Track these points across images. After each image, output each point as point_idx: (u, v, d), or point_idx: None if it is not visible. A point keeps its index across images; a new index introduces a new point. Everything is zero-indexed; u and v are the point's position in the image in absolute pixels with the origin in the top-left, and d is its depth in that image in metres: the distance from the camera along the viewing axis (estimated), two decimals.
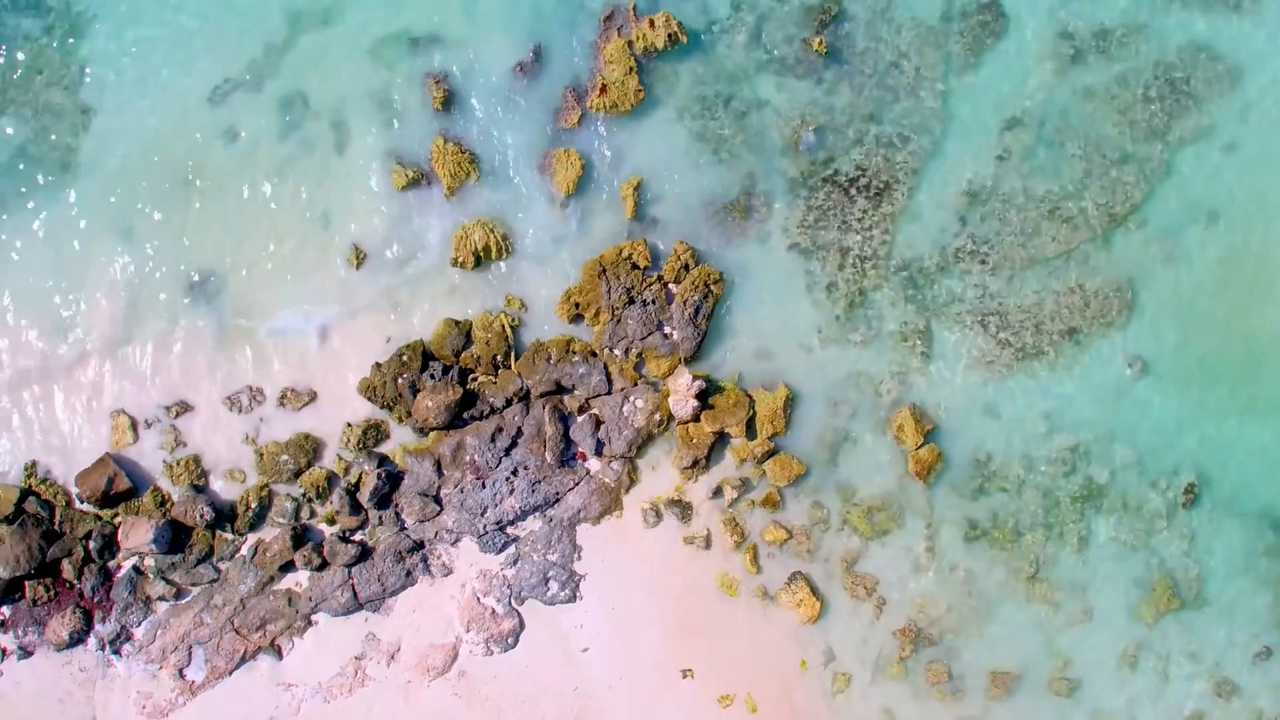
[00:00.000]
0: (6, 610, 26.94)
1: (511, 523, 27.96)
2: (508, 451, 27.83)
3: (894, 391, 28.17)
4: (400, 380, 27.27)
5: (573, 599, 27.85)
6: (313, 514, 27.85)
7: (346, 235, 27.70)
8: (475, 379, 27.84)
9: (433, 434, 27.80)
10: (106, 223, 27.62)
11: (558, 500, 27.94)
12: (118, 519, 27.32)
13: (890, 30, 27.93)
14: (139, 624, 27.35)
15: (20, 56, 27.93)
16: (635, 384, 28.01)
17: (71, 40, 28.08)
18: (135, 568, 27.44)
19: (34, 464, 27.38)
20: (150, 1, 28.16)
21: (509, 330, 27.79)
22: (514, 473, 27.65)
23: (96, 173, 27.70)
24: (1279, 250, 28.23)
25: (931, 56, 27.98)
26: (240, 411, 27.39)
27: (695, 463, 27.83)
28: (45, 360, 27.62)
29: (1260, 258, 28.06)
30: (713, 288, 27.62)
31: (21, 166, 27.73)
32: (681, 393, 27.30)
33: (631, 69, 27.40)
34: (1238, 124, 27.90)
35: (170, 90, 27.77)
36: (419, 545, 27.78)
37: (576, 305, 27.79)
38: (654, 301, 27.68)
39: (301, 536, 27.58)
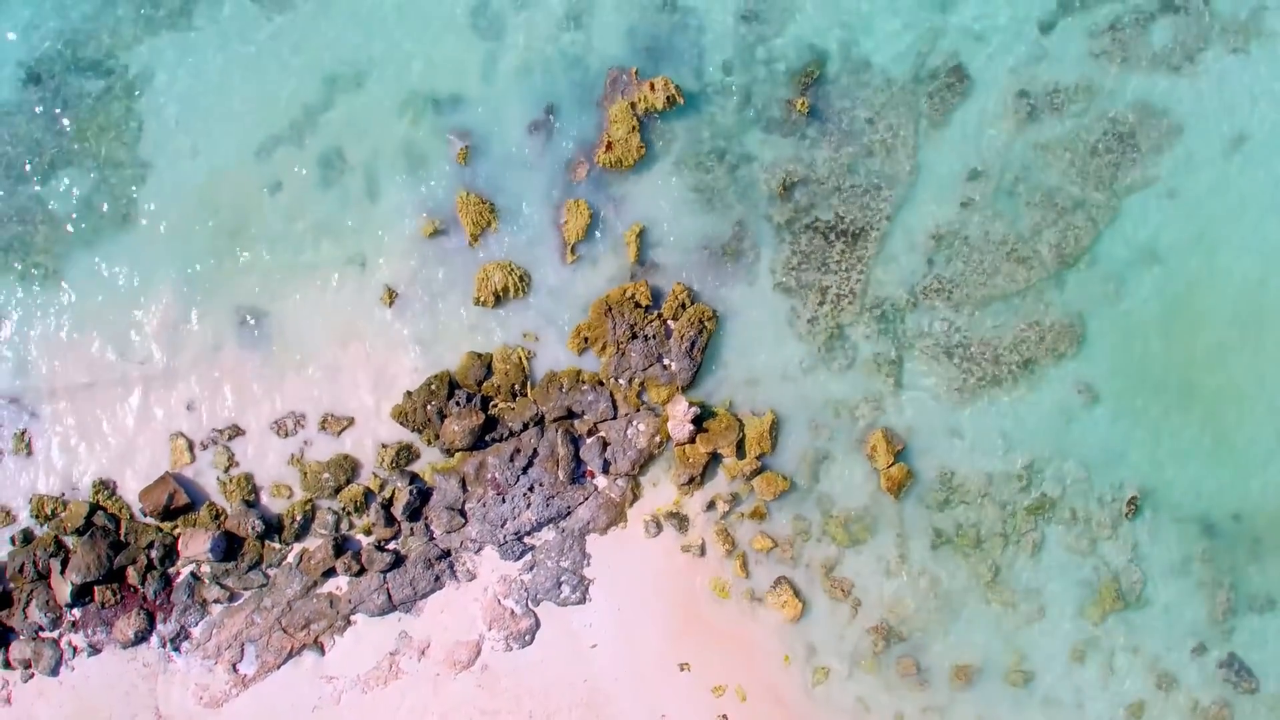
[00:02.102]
0: (78, 612, 27.80)
1: (528, 533, 28.57)
2: (525, 470, 28.46)
3: (868, 416, 28.76)
4: (429, 406, 28.07)
5: (582, 601, 28.54)
6: (351, 526, 28.41)
7: (380, 277, 28.35)
8: (496, 405, 28.54)
9: (458, 454, 28.49)
10: (164, 265, 28.28)
11: (569, 513, 28.60)
12: (177, 530, 28.03)
13: (866, 91, 28.62)
14: (196, 624, 28.00)
15: (83, 114, 28.46)
16: (638, 410, 28.70)
17: (130, 99, 28.69)
18: (193, 574, 28.11)
19: (101, 481, 28.08)
20: (201, 65, 28.66)
21: (525, 362, 28.53)
22: (530, 489, 28.37)
23: (154, 220, 28.36)
24: (1215, 287, 28.87)
25: (903, 114, 28.64)
26: (286, 435, 28.16)
27: (691, 480, 28.50)
28: (112, 388, 28.12)
29: (1197, 294, 28.84)
30: (707, 324, 28.37)
31: (86, 214, 28.34)
32: (679, 417, 28.08)
33: (634, 127, 28.16)
34: (1178, 173, 28.79)
35: (220, 145, 28.50)
36: (446, 553, 28.43)
37: (585, 339, 28.53)
38: (654, 336, 28.39)
39: (341, 546, 28.18)
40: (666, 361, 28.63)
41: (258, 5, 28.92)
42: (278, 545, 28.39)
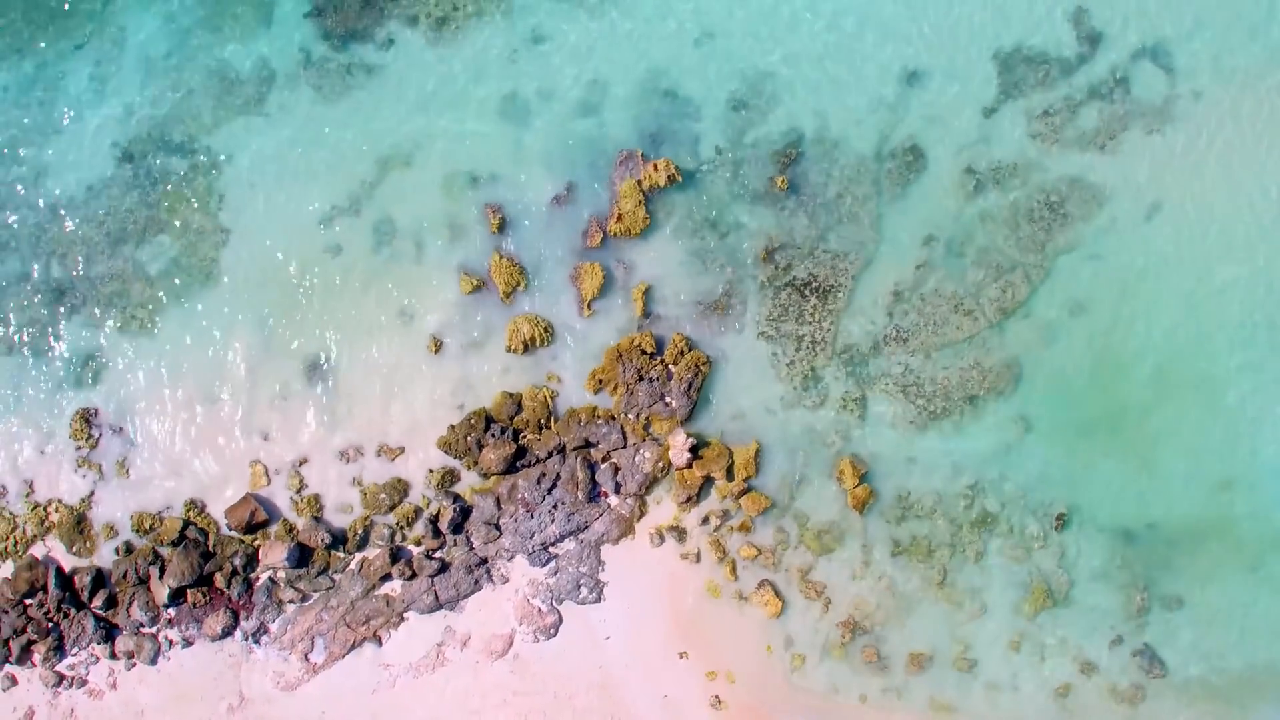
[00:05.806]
0: (173, 611, 29.87)
1: (553, 544, 30.11)
2: (549, 491, 30.02)
3: (837, 444, 30.15)
4: (469, 438, 29.79)
5: (598, 600, 30.07)
6: (404, 538, 30.03)
7: (426, 328, 30.32)
8: (525, 437, 30.13)
9: (494, 478, 30.06)
10: (243, 317, 30.53)
11: (587, 527, 30.12)
12: (257, 542, 29.94)
13: (836, 169, 30.23)
14: (274, 621, 29.83)
15: (172, 188, 30.80)
16: (644, 440, 30.21)
17: (211, 175, 30.92)
18: (271, 579, 29.92)
19: (192, 501, 30.32)
20: (273, 146, 30.89)
21: (550, 400, 30.25)
22: (554, 507, 29.90)
23: (233, 279, 30.66)
24: (1133, 335, 30.11)
25: (867, 188, 30.15)
26: (348, 461, 30.11)
27: (689, 499, 29.98)
28: (201, 422, 30.44)
29: (1118, 340, 30.06)
30: (701, 368, 29.98)
31: (176, 273, 30.76)
32: (678, 447, 29.64)
33: (640, 201, 29.88)
34: (1101, 238, 30.14)
35: (289, 214, 30.75)
36: (484, 561, 29.96)
37: (600, 381, 30.18)
38: (658, 378, 29.91)
39: (396, 555, 29.84)
40: (668, 399, 30.18)
41: (321, 95, 31.56)
42: (342, 554, 30.14)
